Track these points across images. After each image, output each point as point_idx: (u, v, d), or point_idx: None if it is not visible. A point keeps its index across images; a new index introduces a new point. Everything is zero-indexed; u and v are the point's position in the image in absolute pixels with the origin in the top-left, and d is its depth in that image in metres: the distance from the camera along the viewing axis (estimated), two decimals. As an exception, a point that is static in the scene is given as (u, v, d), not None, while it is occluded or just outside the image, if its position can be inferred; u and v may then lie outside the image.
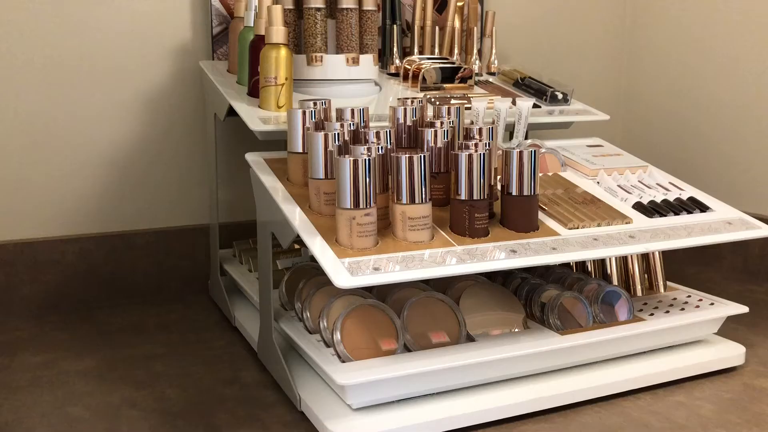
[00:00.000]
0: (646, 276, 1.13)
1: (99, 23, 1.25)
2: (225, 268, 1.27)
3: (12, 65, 1.21)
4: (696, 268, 1.53)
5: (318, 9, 1.13)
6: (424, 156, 0.84)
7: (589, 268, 1.12)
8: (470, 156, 0.87)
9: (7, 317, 1.23)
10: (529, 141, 1.15)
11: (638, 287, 1.11)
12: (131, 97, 1.30)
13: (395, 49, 1.34)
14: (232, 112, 1.10)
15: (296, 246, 1.18)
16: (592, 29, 1.69)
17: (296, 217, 0.87)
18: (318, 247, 0.82)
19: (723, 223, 1.00)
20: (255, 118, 1.04)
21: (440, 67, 1.26)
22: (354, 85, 1.19)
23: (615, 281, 1.11)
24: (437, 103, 1.17)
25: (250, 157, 1.01)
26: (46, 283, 1.27)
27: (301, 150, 0.95)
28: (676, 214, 1.01)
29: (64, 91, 1.25)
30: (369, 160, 0.82)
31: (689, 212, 1.02)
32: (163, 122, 1.32)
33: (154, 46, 1.30)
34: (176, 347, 1.11)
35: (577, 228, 0.93)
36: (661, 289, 1.13)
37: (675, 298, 1.09)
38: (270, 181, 0.95)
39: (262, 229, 0.98)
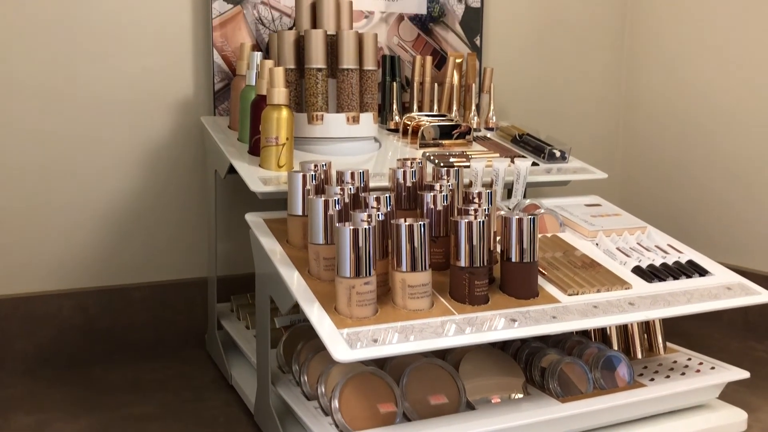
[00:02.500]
0: (645, 336, 1.13)
1: (101, 78, 1.26)
2: (222, 323, 1.26)
3: (10, 119, 1.22)
4: (695, 323, 1.52)
5: (319, 69, 1.14)
6: (425, 224, 0.85)
7: (589, 329, 1.12)
8: (470, 223, 0.87)
9: (1, 373, 1.22)
10: (528, 201, 1.16)
11: (638, 349, 1.11)
12: (131, 151, 1.30)
13: (395, 105, 1.35)
14: (232, 169, 1.11)
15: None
16: (589, 83, 1.71)
17: (294, 282, 0.87)
18: (316, 317, 0.81)
19: (722, 288, 1.00)
20: (255, 178, 1.04)
21: (438, 125, 1.27)
22: (354, 143, 1.19)
23: (614, 342, 1.10)
24: (436, 161, 1.17)
25: (250, 218, 1.01)
26: (41, 338, 1.26)
27: (300, 213, 0.96)
28: (675, 278, 1.01)
29: (64, 143, 1.25)
30: (369, 228, 0.82)
31: (688, 276, 1.02)
32: (163, 176, 1.33)
33: (156, 101, 1.30)
34: (172, 407, 1.09)
35: (577, 294, 0.93)
36: (661, 351, 1.12)
37: (675, 362, 1.08)
38: (269, 244, 0.95)
39: (261, 291, 0.98)
